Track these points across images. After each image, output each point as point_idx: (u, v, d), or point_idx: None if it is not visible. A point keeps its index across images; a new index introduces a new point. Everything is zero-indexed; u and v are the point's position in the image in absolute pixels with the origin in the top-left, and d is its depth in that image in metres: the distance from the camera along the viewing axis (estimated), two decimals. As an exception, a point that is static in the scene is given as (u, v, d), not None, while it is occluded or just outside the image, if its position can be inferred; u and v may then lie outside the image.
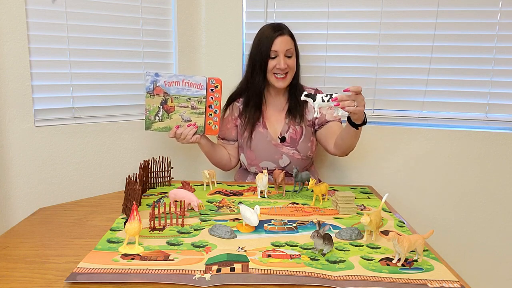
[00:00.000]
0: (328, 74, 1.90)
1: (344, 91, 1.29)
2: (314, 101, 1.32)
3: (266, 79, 1.61)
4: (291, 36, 1.60)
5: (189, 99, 1.51)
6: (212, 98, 1.52)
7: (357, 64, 1.87)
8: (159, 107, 1.51)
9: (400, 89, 1.86)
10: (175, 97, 1.51)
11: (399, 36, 1.81)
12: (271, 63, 1.57)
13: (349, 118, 1.39)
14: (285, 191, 1.49)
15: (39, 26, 1.50)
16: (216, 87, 1.52)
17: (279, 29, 1.57)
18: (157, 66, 1.82)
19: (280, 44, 1.55)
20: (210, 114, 1.54)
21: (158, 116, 1.52)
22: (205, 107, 1.53)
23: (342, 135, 1.50)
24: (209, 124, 1.55)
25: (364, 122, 1.40)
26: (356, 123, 1.38)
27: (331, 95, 1.31)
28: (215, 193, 1.47)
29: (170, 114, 1.52)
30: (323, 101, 1.31)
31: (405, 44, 1.81)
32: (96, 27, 1.63)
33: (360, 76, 1.87)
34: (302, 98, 1.34)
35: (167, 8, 1.82)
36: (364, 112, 1.37)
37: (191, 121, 1.53)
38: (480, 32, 1.75)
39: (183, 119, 1.53)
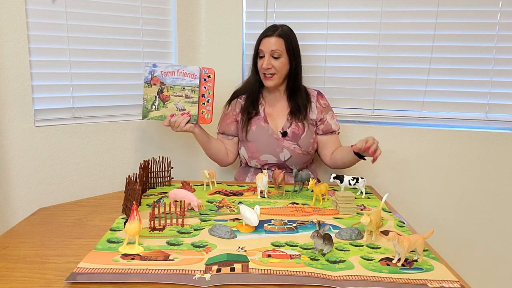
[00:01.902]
0: (328, 74, 1.90)
1: (366, 149, 1.43)
2: (341, 182, 1.45)
3: (259, 77, 1.67)
4: (284, 38, 1.59)
5: (183, 88, 1.55)
6: (205, 87, 1.56)
7: (357, 64, 1.87)
8: (155, 97, 1.56)
9: (400, 89, 1.86)
10: (171, 87, 1.55)
11: (399, 36, 1.81)
12: (259, 63, 1.63)
13: (356, 153, 1.51)
14: (285, 191, 1.49)
15: (39, 26, 1.50)
16: (209, 76, 1.56)
17: (270, 30, 1.61)
18: (157, 66, 1.82)
19: (266, 44, 1.59)
20: (203, 103, 1.57)
21: (155, 105, 1.56)
22: (198, 96, 1.55)
23: (344, 158, 1.63)
24: (202, 113, 1.58)
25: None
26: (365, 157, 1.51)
27: (357, 178, 1.44)
28: (215, 193, 1.47)
29: (165, 103, 1.56)
30: (349, 184, 1.44)
31: (405, 44, 1.81)
32: (96, 27, 1.63)
33: (360, 76, 1.88)
34: (331, 180, 1.45)
35: (167, 8, 1.82)
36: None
37: (185, 110, 1.57)
38: (480, 32, 1.75)
39: (177, 108, 1.57)
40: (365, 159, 1.53)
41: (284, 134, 1.65)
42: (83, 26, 1.60)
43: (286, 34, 1.60)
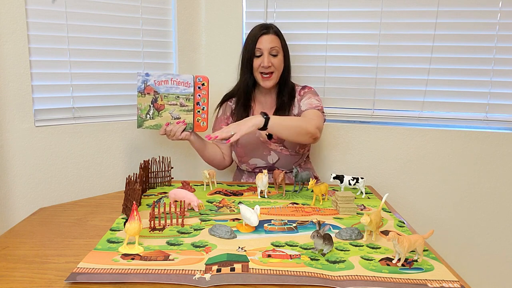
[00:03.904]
0: (328, 74, 1.90)
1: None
2: (341, 182, 1.44)
3: (253, 78, 1.62)
4: (278, 35, 1.60)
5: (178, 97, 1.55)
6: (199, 95, 1.55)
7: (357, 64, 1.87)
8: (149, 106, 1.55)
9: (400, 89, 1.86)
10: (165, 96, 1.54)
11: (399, 36, 1.81)
12: (256, 62, 1.59)
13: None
14: (285, 191, 1.49)
15: (39, 26, 1.50)
16: (203, 84, 1.55)
17: (265, 28, 1.59)
18: (157, 66, 1.82)
19: (264, 42, 1.57)
20: (198, 111, 1.56)
21: (149, 115, 1.55)
22: (193, 104, 1.55)
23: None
24: (198, 121, 1.57)
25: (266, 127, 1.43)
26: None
27: (357, 178, 1.44)
28: (215, 193, 1.47)
29: (160, 112, 1.56)
30: (349, 184, 1.44)
31: (405, 44, 1.81)
32: (96, 27, 1.63)
33: (360, 76, 1.88)
34: (331, 180, 1.44)
35: (167, 8, 1.82)
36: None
37: (180, 118, 1.56)
38: (480, 32, 1.75)
39: (172, 117, 1.56)
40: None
41: (270, 136, 1.62)
42: (83, 26, 1.60)
43: (279, 32, 1.62)
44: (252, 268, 0.91)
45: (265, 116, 1.41)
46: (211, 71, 1.95)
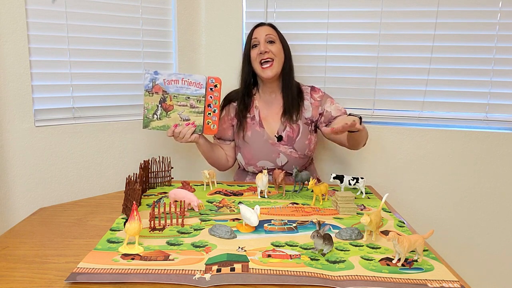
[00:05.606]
0: (328, 74, 1.90)
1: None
2: (341, 182, 1.43)
3: (254, 73, 1.63)
4: (275, 28, 1.64)
5: (188, 97, 1.50)
6: (211, 97, 1.51)
7: (357, 64, 1.87)
8: (157, 106, 1.50)
9: (400, 89, 1.86)
10: (174, 96, 1.49)
11: (399, 36, 1.81)
12: (254, 52, 1.59)
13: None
14: (285, 191, 1.49)
15: (39, 26, 1.50)
16: (216, 86, 1.51)
17: (260, 23, 1.64)
18: (157, 66, 1.82)
19: (259, 32, 1.60)
20: (209, 114, 1.52)
21: (157, 115, 1.50)
22: (204, 106, 1.52)
23: (350, 140, 1.54)
24: (208, 124, 1.54)
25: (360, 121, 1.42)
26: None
27: (357, 178, 1.43)
28: (215, 193, 1.47)
29: (168, 112, 1.51)
30: (349, 184, 1.43)
31: (405, 44, 1.81)
32: (96, 27, 1.63)
33: (360, 76, 1.88)
34: (331, 180, 1.43)
35: (167, 8, 1.82)
36: (359, 117, 1.44)
37: (189, 120, 1.52)
38: (480, 32, 1.75)
39: (181, 118, 1.52)
40: (357, 131, 1.41)
41: (280, 138, 1.62)
42: (83, 26, 1.60)
43: (275, 26, 1.65)
44: (252, 268, 0.91)
45: (359, 116, 1.42)
46: (211, 71, 1.95)
